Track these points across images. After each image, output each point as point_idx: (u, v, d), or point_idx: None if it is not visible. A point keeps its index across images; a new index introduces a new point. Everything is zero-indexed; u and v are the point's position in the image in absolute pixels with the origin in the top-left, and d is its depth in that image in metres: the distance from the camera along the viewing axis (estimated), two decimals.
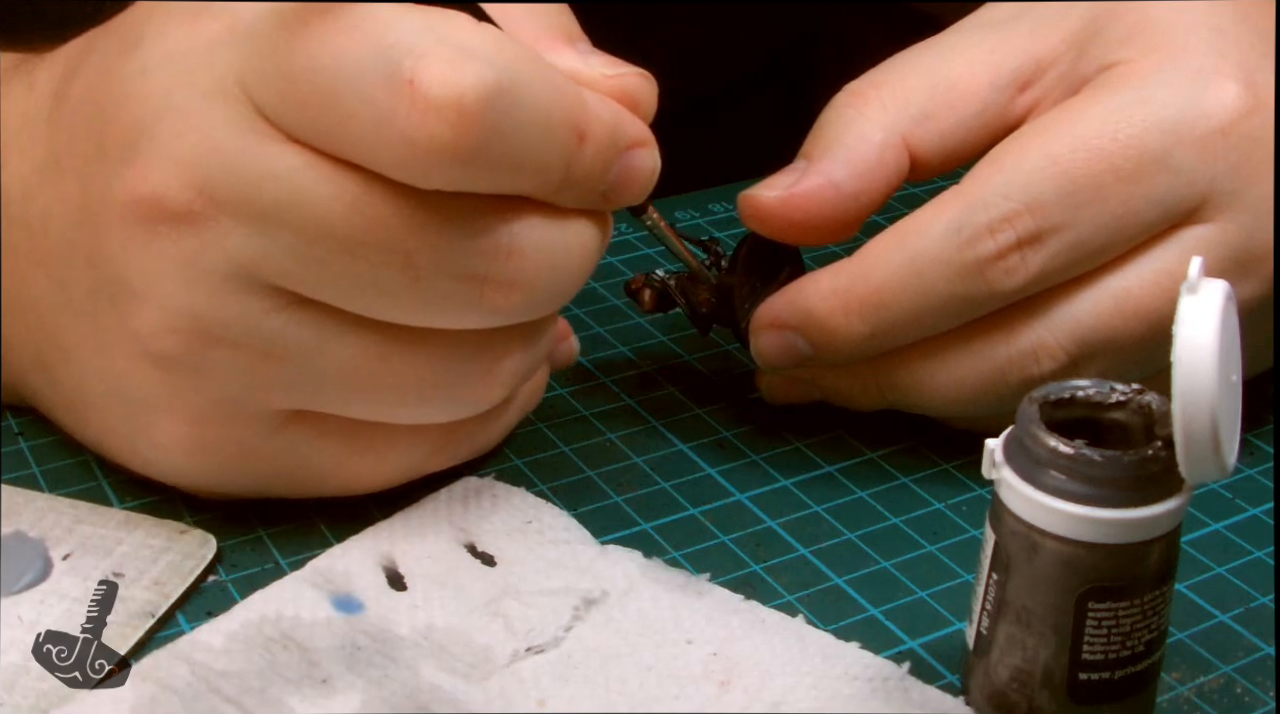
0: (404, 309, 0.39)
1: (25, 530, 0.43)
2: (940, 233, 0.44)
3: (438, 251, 0.38)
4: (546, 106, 0.38)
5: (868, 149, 0.47)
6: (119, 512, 0.44)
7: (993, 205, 0.43)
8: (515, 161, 0.38)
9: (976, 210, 0.44)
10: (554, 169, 0.39)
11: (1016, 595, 0.37)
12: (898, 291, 0.44)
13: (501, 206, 0.39)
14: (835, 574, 0.44)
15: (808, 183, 0.47)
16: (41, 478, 0.46)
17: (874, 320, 0.45)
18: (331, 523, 0.45)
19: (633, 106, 0.41)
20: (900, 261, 0.44)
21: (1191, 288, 0.35)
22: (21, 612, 0.40)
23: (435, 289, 0.39)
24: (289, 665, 0.38)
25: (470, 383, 0.41)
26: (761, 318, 0.47)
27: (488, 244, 0.39)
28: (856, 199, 0.47)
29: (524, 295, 0.39)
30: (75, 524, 0.43)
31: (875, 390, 0.48)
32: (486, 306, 0.39)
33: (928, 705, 0.38)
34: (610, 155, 0.40)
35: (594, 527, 0.44)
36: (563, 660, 0.39)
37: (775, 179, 0.47)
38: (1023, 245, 0.43)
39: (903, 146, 0.47)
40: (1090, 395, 0.38)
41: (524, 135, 0.37)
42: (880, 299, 0.45)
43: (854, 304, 0.45)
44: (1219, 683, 0.40)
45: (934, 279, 0.44)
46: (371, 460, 0.43)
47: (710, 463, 0.49)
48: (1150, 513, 0.36)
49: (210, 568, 0.43)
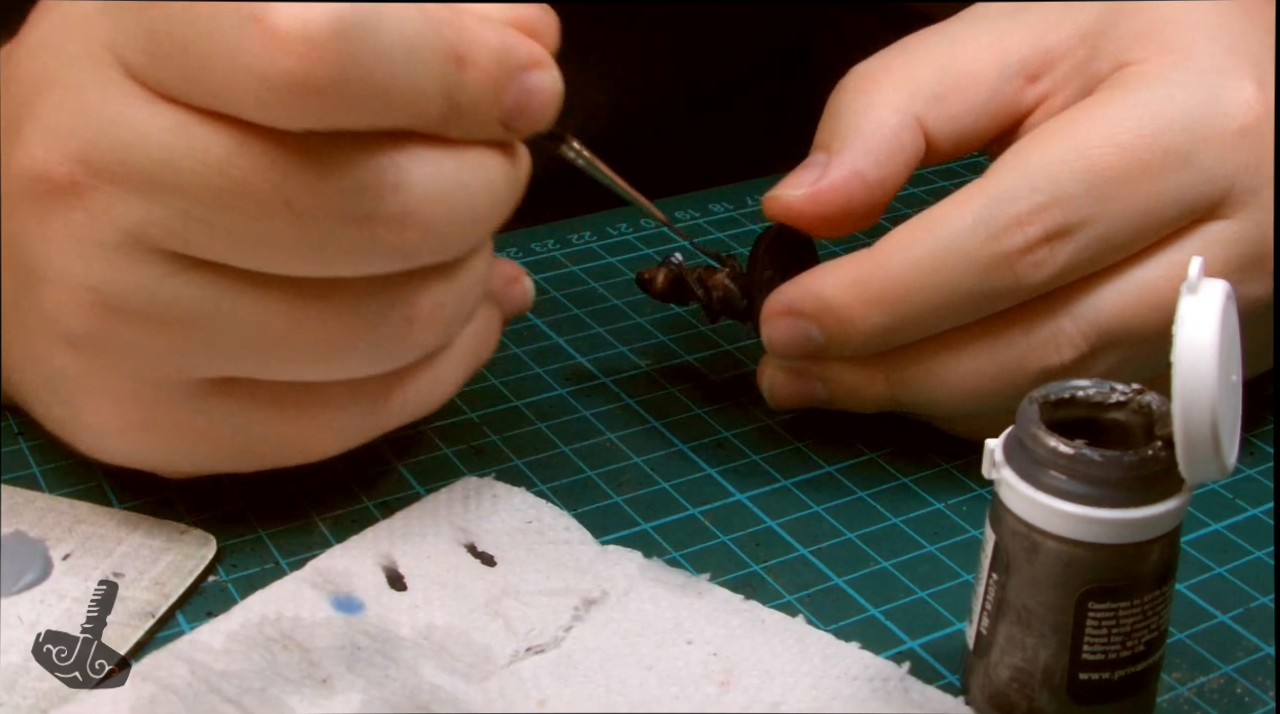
0: (297, 259, 0.38)
1: (25, 530, 0.43)
2: (966, 225, 0.43)
3: (318, 194, 0.37)
4: (411, 33, 0.36)
5: (886, 133, 0.46)
6: (119, 512, 0.44)
7: (1021, 198, 0.43)
8: (381, 93, 0.36)
9: (1004, 203, 0.43)
10: (430, 98, 0.37)
11: (1017, 595, 0.37)
12: (919, 284, 0.44)
13: (382, 142, 0.37)
14: (835, 574, 0.44)
15: (833, 176, 0.46)
16: (41, 478, 0.46)
17: (892, 312, 0.44)
18: (332, 523, 0.45)
19: (530, 34, 0.39)
20: (923, 253, 0.44)
21: (1191, 288, 0.35)
22: (21, 612, 0.40)
23: (323, 234, 0.37)
24: (289, 665, 0.38)
25: (387, 332, 0.40)
26: (774, 304, 0.46)
27: (370, 181, 0.37)
28: (882, 185, 0.46)
29: (419, 233, 0.38)
30: (75, 524, 0.43)
31: (884, 386, 0.47)
32: (382, 248, 0.38)
33: (928, 705, 0.38)
34: (500, 80, 0.38)
35: (594, 527, 0.44)
36: (563, 660, 0.39)
37: (798, 176, 0.47)
38: (1050, 239, 0.43)
39: (918, 127, 0.47)
40: (1090, 395, 0.38)
41: (387, 65, 0.36)
42: (900, 291, 0.44)
43: (873, 295, 0.44)
44: (1219, 683, 0.40)
45: (958, 272, 0.44)
46: (308, 424, 0.42)
47: (710, 463, 0.49)
48: (1150, 513, 0.36)
49: (210, 568, 0.43)
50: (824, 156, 0.47)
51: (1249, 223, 0.45)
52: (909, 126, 0.47)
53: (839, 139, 0.47)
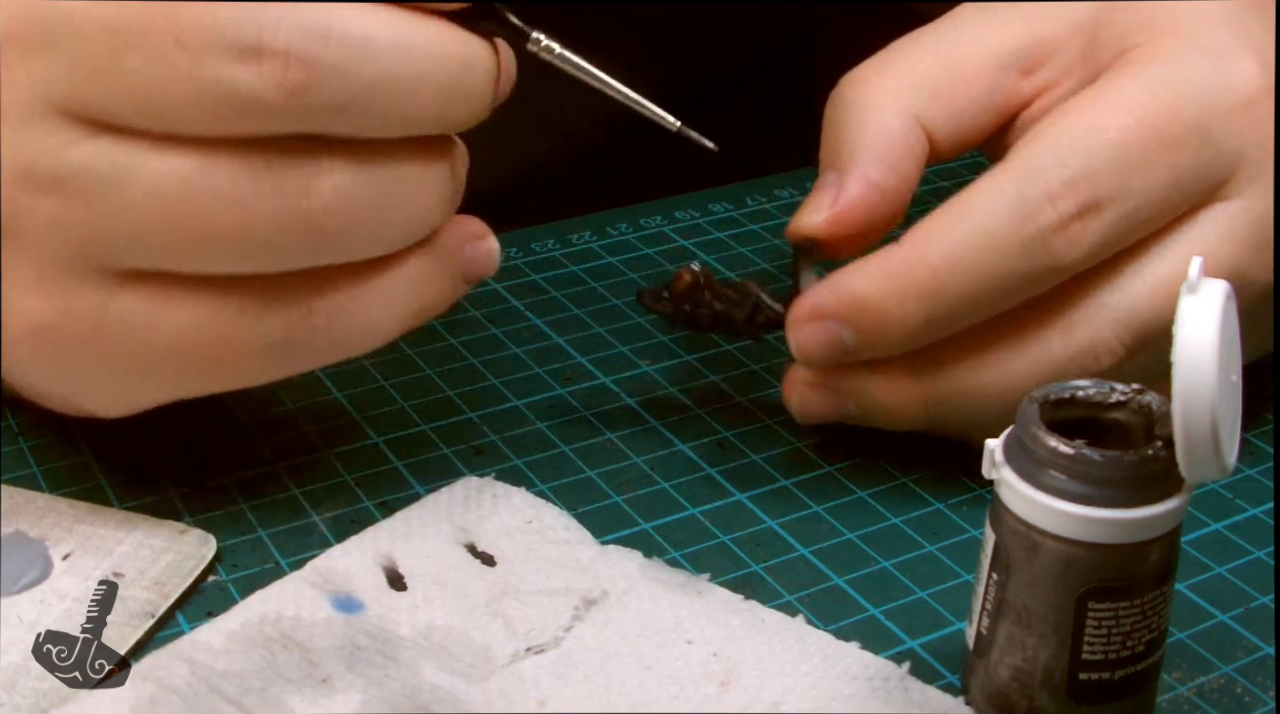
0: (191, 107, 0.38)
1: (25, 530, 0.43)
2: (999, 208, 0.43)
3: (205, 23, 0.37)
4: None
5: (893, 138, 0.46)
6: (119, 512, 0.44)
7: (1050, 175, 0.43)
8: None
9: (1034, 181, 0.43)
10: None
11: (1017, 595, 0.37)
12: (957, 272, 0.43)
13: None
14: (835, 574, 0.44)
15: (849, 193, 0.46)
16: (41, 478, 0.46)
17: (930, 304, 0.44)
18: (332, 523, 0.45)
19: None
20: (958, 241, 0.43)
21: (1191, 288, 0.35)
22: (21, 612, 0.40)
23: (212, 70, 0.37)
24: (289, 665, 0.38)
25: (287, 207, 0.39)
26: (801, 309, 0.45)
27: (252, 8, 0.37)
28: (898, 190, 0.46)
29: (305, 72, 0.37)
30: (75, 524, 0.43)
31: (918, 402, 0.46)
32: (269, 82, 0.37)
33: (928, 705, 0.38)
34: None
35: (594, 527, 0.44)
36: (563, 660, 0.39)
37: (815, 200, 0.46)
38: (1083, 214, 0.43)
39: (920, 126, 0.47)
40: (1090, 395, 0.38)
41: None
42: (938, 281, 0.43)
43: (909, 288, 0.44)
44: (1219, 683, 0.40)
45: (995, 256, 0.43)
46: (221, 333, 0.40)
47: (710, 463, 0.49)
48: (1150, 513, 0.36)
49: (210, 568, 0.43)
50: (835, 175, 0.46)
51: (1256, 200, 0.45)
52: (913, 128, 0.47)
53: (846, 154, 0.46)
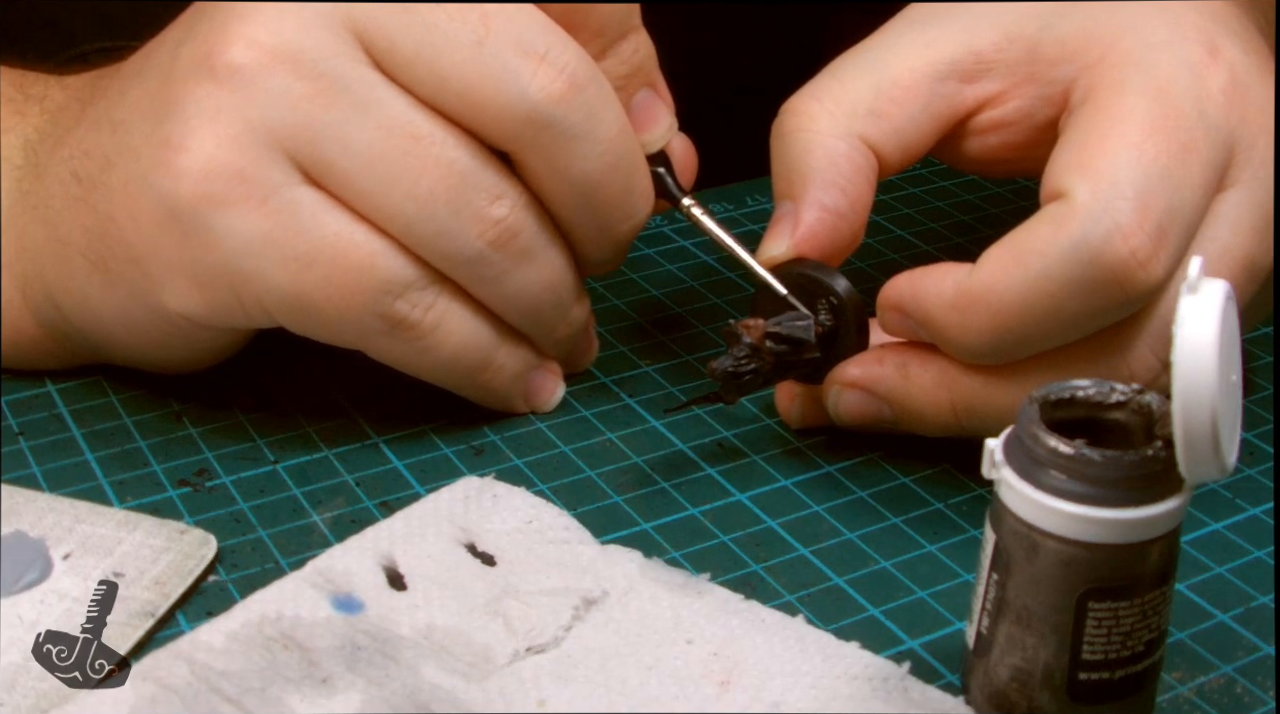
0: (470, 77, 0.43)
1: (25, 530, 0.43)
2: (1065, 249, 0.42)
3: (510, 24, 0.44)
4: None
5: (839, 161, 0.47)
6: (119, 512, 0.44)
7: (1115, 209, 0.42)
8: None
9: (1098, 218, 0.42)
10: None
11: (1016, 595, 0.37)
12: (1023, 317, 0.43)
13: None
14: (835, 574, 0.44)
15: (807, 222, 0.46)
16: (41, 478, 0.46)
17: (999, 339, 0.43)
18: (331, 523, 0.45)
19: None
20: (1021, 287, 0.43)
21: (1191, 288, 0.35)
22: (21, 612, 0.40)
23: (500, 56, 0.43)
24: (289, 665, 0.38)
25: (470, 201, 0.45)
26: (846, 376, 0.47)
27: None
28: (854, 210, 0.47)
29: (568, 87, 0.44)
30: (75, 524, 0.43)
31: (949, 414, 0.46)
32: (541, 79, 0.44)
33: (928, 705, 0.38)
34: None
35: (594, 527, 0.44)
36: (563, 660, 0.39)
37: (775, 231, 0.47)
38: (1153, 242, 0.42)
39: (865, 145, 0.47)
40: (1090, 395, 0.38)
41: None
42: (1007, 320, 0.43)
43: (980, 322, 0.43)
44: (1219, 683, 0.40)
45: (1062, 297, 0.42)
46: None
47: (710, 463, 0.49)
48: (1150, 513, 0.36)
49: (210, 568, 0.43)
50: (790, 204, 0.47)
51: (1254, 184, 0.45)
52: (858, 147, 0.47)
53: (798, 183, 0.47)
